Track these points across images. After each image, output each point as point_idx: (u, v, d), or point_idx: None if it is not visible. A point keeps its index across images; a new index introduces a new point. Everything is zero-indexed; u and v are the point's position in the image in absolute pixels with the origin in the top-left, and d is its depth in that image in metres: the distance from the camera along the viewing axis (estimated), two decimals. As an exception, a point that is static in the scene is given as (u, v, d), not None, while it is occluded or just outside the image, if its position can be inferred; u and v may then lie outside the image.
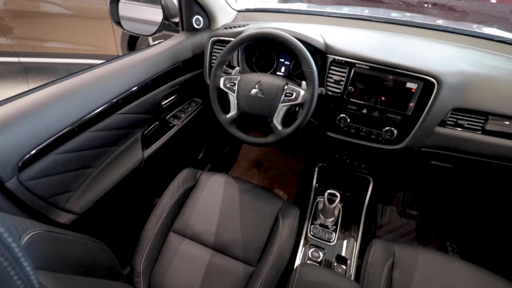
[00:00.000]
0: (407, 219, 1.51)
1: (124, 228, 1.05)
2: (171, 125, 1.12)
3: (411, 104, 0.86)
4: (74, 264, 0.51)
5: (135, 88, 0.91)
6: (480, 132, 0.86)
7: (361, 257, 0.88)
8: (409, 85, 0.85)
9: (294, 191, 1.70)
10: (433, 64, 0.85)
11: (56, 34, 2.66)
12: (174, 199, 0.97)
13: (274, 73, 1.09)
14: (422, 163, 1.03)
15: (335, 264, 1.01)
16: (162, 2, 1.13)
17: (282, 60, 1.07)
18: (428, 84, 0.83)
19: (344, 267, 1.00)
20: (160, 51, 1.03)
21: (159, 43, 1.10)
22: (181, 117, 1.16)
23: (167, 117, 1.14)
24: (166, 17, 1.15)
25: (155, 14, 1.18)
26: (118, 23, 1.19)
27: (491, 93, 0.85)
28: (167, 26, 1.18)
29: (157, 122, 1.07)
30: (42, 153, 0.69)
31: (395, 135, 0.91)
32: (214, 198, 1.00)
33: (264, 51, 1.09)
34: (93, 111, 0.79)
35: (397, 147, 0.92)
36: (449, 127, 0.88)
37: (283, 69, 1.08)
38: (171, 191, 0.99)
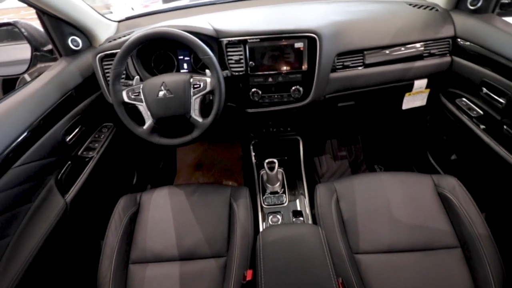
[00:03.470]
0: (340, 160, 1.72)
1: (75, 284, 0.94)
2: (87, 159, 1.01)
3: (304, 61, 0.97)
4: None
5: (25, 133, 0.79)
6: (362, 67, 1.03)
7: (313, 206, 0.97)
8: (297, 45, 0.95)
9: (242, 176, 1.75)
10: (310, 22, 0.97)
11: None
12: (121, 232, 0.90)
13: (178, 71, 1.08)
14: (332, 109, 1.18)
15: (294, 219, 1.10)
16: (25, 33, 1.00)
17: (182, 57, 1.06)
18: (311, 40, 0.94)
19: (301, 218, 1.10)
20: (41, 85, 0.91)
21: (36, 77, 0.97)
22: (96, 148, 1.06)
23: (79, 152, 1.03)
24: (36, 48, 1.02)
25: (22, 50, 1.03)
26: None
27: (360, 33, 1.01)
28: (40, 57, 1.04)
29: (69, 162, 0.96)
30: None
31: (301, 92, 1.01)
32: (163, 213, 0.96)
33: (160, 53, 1.06)
34: None
35: (307, 102, 1.03)
36: (339, 71, 1.02)
37: (185, 65, 1.07)
38: (113, 224, 0.92)
